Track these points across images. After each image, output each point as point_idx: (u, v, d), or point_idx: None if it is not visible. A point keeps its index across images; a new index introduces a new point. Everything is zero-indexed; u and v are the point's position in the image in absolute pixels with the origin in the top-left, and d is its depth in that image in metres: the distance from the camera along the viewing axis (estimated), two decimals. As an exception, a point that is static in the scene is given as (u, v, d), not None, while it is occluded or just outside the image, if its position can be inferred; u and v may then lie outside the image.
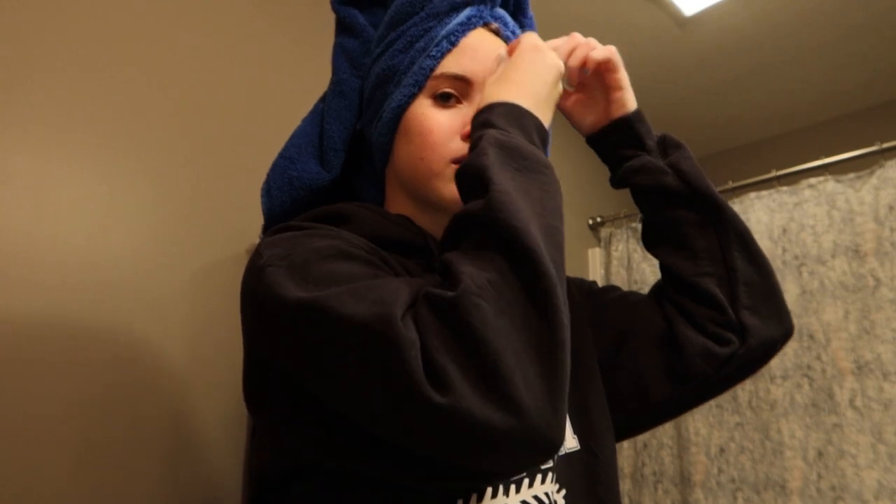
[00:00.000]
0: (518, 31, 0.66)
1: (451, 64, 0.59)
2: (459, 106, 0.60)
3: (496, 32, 0.63)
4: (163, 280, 1.18)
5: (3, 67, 1.05)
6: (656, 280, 0.79)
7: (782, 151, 2.61)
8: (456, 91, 0.60)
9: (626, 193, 0.77)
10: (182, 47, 1.30)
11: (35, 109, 1.08)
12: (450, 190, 0.58)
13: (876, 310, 1.56)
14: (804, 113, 2.47)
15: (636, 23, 1.91)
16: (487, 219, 0.41)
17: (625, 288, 2.12)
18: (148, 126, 1.22)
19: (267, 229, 0.67)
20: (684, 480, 1.85)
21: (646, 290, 2.18)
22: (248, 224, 1.33)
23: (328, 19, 1.61)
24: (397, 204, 0.65)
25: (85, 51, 1.15)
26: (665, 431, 1.93)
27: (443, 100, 0.60)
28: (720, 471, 1.77)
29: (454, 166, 0.58)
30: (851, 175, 1.66)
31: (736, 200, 1.87)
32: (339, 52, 0.68)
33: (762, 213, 1.80)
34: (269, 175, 0.68)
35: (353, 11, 0.67)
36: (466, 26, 0.60)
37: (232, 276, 1.28)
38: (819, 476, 1.59)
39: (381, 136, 0.62)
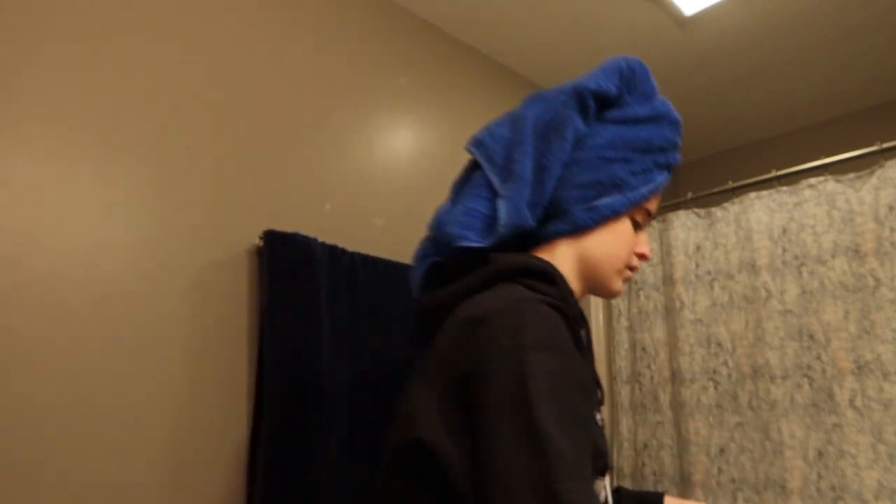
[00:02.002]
0: None
1: (653, 203, 0.81)
2: (639, 231, 0.82)
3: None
4: (163, 280, 1.18)
5: (3, 68, 1.05)
6: (654, 280, 0.91)
7: (782, 151, 2.61)
8: (643, 221, 0.81)
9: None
10: (182, 48, 1.30)
11: (35, 110, 1.08)
12: (618, 285, 0.80)
13: (876, 310, 1.55)
14: (804, 113, 2.47)
15: (636, 23, 1.91)
16: None
17: (624, 286, 2.12)
18: (148, 127, 1.22)
19: (479, 247, 0.75)
20: (684, 480, 1.84)
21: (646, 289, 2.16)
22: (249, 224, 1.33)
23: (329, 19, 1.61)
24: (562, 268, 0.78)
25: (85, 52, 1.15)
26: (665, 432, 1.93)
27: (636, 226, 0.80)
28: (720, 471, 1.77)
29: (626, 270, 0.81)
30: (851, 175, 1.66)
31: (736, 200, 1.87)
32: (572, 131, 0.77)
33: (762, 213, 1.80)
34: (509, 209, 0.74)
35: (593, 104, 0.79)
36: (666, 183, 0.80)
37: (232, 276, 1.28)
38: (819, 476, 1.58)
39: (589, 219, 0.76)
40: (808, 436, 1.62)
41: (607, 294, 0.81)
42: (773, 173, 1.80)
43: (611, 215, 0.76)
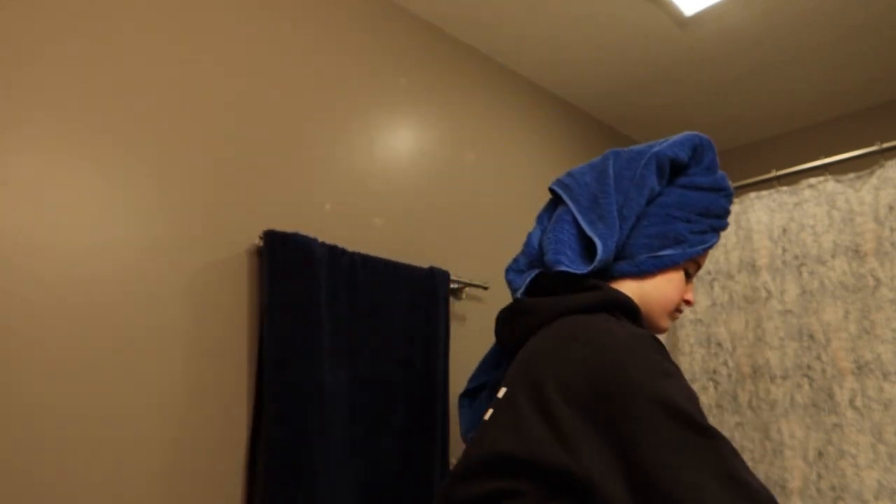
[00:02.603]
0: None
1: (702, 259, 0.93)
2: (689, 280, 0.92)
3: None
4: (163, 280, 1.18)
5: (3, 68, 1.05)
6: None
7: (782, 151, 2.61)
8: (693, 272, 0.92)
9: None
10: (183, 49, 1.30)
11: (35, 111, 1.08)
12: (666, 324, 0.91)
13: (876, 310, 1.55)
14: (804, 113, 2.47)
15: (636, 23, 1.91)
16: None
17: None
18: (148, 127, 1.22)
19: (579, 273, 0.85)
20: (684, 480, 1.84)
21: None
22: (248, 225, 1.33)
23: (329, 20, 1.61)
24: None
25: (85, 52, 1.15)
26: (665, 431, 1.93)
27: (687, 276, 0.91)
28: (720, 471, 1.77)
29: (674, 312, 0.91)
30: (851, 175, 1.66)
31: (736, 201, 1.87)
32: (648, 188, 0.89)
33: (762, 213, 1.80)
34: (607, 241, 0.85)
35: (667, 168, 0.90)
36: (715, 243, 0.92)
37: (232, 276, 1.28)
38: (819, 476, 1.58)
39: (652, 266, 0.87)
40: (808, 436, 1.62)
41: (656, 330, 0.91)
42: (773, 173, 1.80)
43: (670, 265, 0.88)
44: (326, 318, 1.31)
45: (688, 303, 0.93)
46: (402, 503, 1.37)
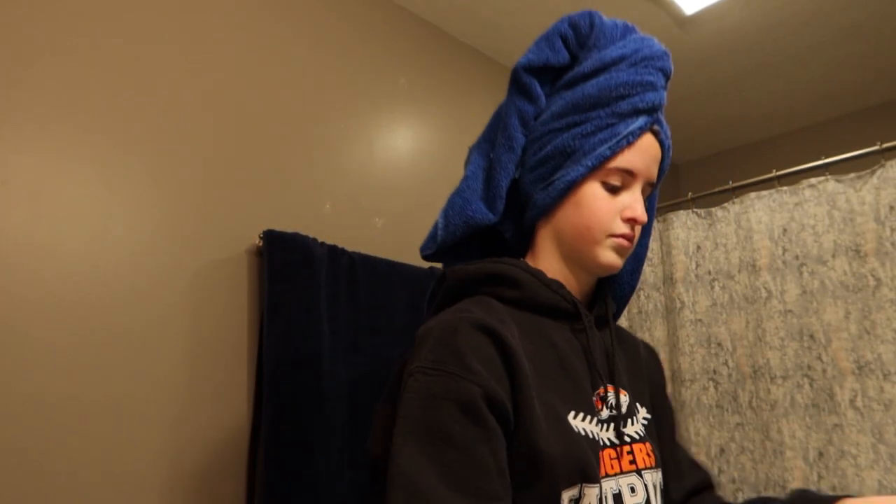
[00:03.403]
0: (668, 133, 0.78)
1: (626, 159, 0.71)
2: (622, 193, 0.72)
3: (657, 134, 0.73)
4: (163, 280, 1.17)
5: (3, 69, 1.05)
6: (654, 280, 0.86)
7: (782, 151, 2.61)
8: (621, 182, 0.72)
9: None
10: (182, 49, 1.29)
11: (35, 111, 1.08)
12: (605, 257, 0.72)
13: (876, 310, 1.55)
14: (804, 113, 2.47)
15: (636, 22, 1.91)
16: None
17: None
18: (148, 127, 1.21)
19: (432, 254, 0.78)
20: (685, 481, 1.84)
21: (646, 289, 2.16)
22: (248, 225, 1.33)
23: (329, 20, 1.61)
24: (547, 256, 0.76)
25: (85, 52, 1.15)
26: (665, 432, 1.93)
27: (612, 189, 0.72)
28: (720, 471, 1.77)
29: (612, 239, 0.72)
30: (852, 175, 1.66)
31: (736, 200, 1.87)
32: (514, 112, 0.76)
33: (762, 213, 1.80)
34: (447, 211, 0.76)
35: (532, 80, 0.76)
36: (643, 129, 0.71)
37: (232, 276, 1.28)
38: (819, 476, 1.58)
39: (547, 197, 0.73)
40: (808, 436, 1.62)
41: (599, 269, 0.73)
42: (774, 173, 1.80)
43: (566, 187, 0.71)
44: (326, 318, 1.31)
45: (631, 220, 0.72)
46: (403, 503, 1.36)
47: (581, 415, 0.66)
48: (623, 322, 2.12)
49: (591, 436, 0.66)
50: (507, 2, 1.82)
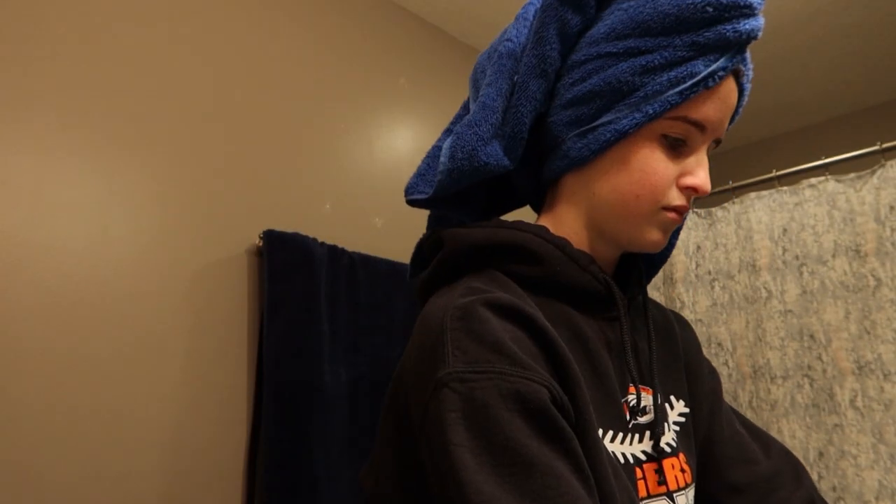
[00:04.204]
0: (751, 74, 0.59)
1: (698, 108, 0.52)
2: (685, 153, 0.55)
3: (738, 77, 0.55)
4: (163, 280, 1.17)
5: (3, 69, 1.05)
6: (654, 280, 0.76)
7: (782, 151, 2.61)
8: (688, 137, 0.54)
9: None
10: (183, 50, 1.29)
11: (35, 111, 1.07)
12: (651, 235, 0.56)
13: (877, 310, 1.55)
14: (804, 113, 2.47)
15: (636, 23, 1.91)
16: None
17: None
18: (148, 127, 1.21)
19: (425, 200, 0.60)
20: (685, 481, 1.84)
21: (647, 289, 2.15)
22: (248, 224, 1.32)
23: (329, 20, 1.61)
24: (570, 221, 0.59)
25: (86, 53, 1.15)
26: (665, 432, 1.93)
27: (673, 146, 0.54)
28: (721, 471, 1.77)
29: (664, 213, 0.55)
30: (852, 175, 1.66)
31: (736, 200, 1.87)
32: (555, 23, 0.55)
33: (762, 213, 1.79)
34: (454, 151, 0.56)
35: None
36: (727, 71, 0.52)
37: (232, 276, 1.28)
38: (820, 476, 1.58)
39: (585, 148, 0.55)
40: (808, 436, 1.62)
41: (639, 247, 0.57)
42: (774, 173, 1.80)
43: (613, 138, 0.53)
44: (326, 318, 1.31)
45: (692, 189, 0.54)
46: None
47: (611, 433, 0.52)
48: (623, 322, 2.12)
49: (622, 459, 0.52)
50: (507, 2, 1.82)
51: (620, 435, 0.53)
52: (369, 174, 1.59)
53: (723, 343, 1.84)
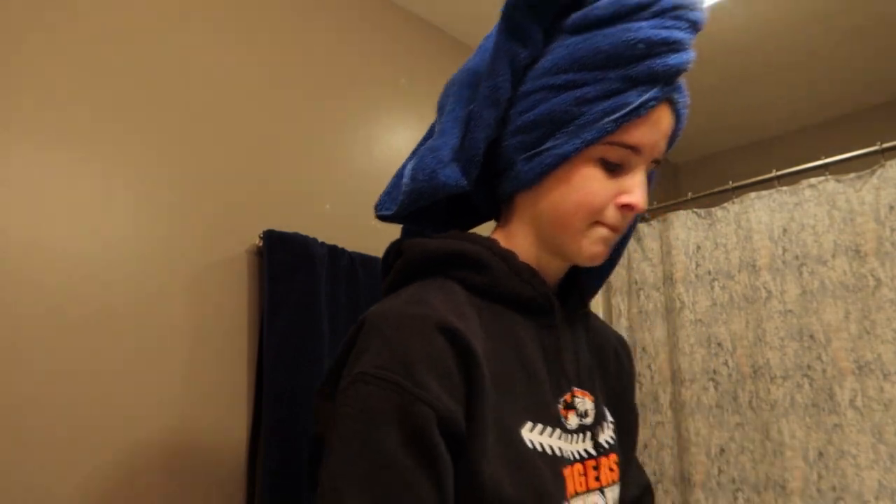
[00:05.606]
0: (687, 100, 0.65)
1: (631, 134, 0.58)
2: (622, 173, 0.60)
3: (673, 105, 0.61)
4: (163, 280, 1.17)
5: (3, 68, 1.05)
6: (654, 280, 0.79)
7: (782, 151, 2.61)
8: (622, 160, 0.59)
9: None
10: (183, 49, 1.29)
11: (35, 111, 1.07)
12: (589, 249, 0.61)
13: (876, 310, 1.55)
14: (804, 113, 2.47)
15: (636, 23, 1.91)
16: None
17: (624, 287, 2.12)
18: (148, 127, 1.21)
19: (391, 216, 0.67)
20: (684, 481, 1.84)
21: (646, 289, 2.15)
22: (248, 225, 1.33)
23: (328, 20, 1.61)
24: (521, 235, 0.66)
25: (86, 52, 1.15)
26: (665, 432, 1.93)
27: (611, 168, 0.59)
28: (720, 471, 1.77)
29: (600, 228, 0.61)
30: (852, 175, 1.66)
31: (736, 200, 1.87)
32: (503, 56, 0.61)
33: (762, 213, 1.80)
34: (416, 172, 0.63)
35: (531, 21, 0.61)
36: (658, 101, 0.58)
37: (232, 276, 1.28)
38: (819, 476, 1.58)
39: (531, 171, 0.61)
40: (808, 436, 1.62)
41: (579, 261, 0.63)
42: (774, 173, 1.80)
43: (555, 162, 0.59)
44: (326, 318, 1.31)
45: (628, 207, 0.60)
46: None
47: (540, 426, 0.58)
48: (623, 322, 2.12)
49: (551, 451, 0.57)
50: (507, 2, 1.82)
51: (549, 428, 0.58)
52: (369, 174, 1.60)
53: (723, 343, 1.84)
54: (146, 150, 1.20)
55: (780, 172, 1.78)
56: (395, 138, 1.69)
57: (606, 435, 0.65)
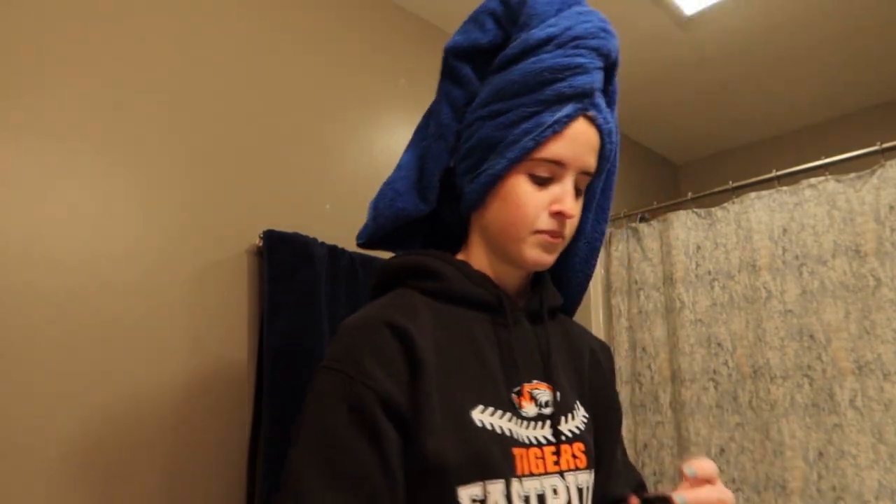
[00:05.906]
0: (609, 116, 0.72)
1: (552, 150, 0.66)
2: (551, 186, 0.68)
3: (592, 120, 0.69)
4: (163, 280, 1.17)
5: (4, 73, 1.05)
6: (654, 280, 0.81)
7: (782, 151, 2.61)
8: (550, 173, 0.68)
9: (625, 193, 0.77)
10: (183, 50, 1.29)
11: (35, 111, 1.08)
12: (530, 254, 0.69)
13: (876, 310, 1.55)
14: (804, 113, 2.47)
15: (636, 23, 1.91)
16: None
17: (624, 287, 2.12)
18: (148, 128, 1.21)
19: (365, 244, 0.79)
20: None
21: (646, 289, 2.16)
22: (248, 224, 1.33)
23: (328, 20, 1.61)
24: (477, 249, 0.75)
25: (85, 53, 1.15)
26: (665, 432, 1.93)
27: (540, 181, 0.68)
28: (720, 471, 1.77)
29: (537, 235, 0.68)
30: (852, 175, 1.66)
31: (736, 201, 1.87)
32: (444, 99, 0.74)
33: (762, 213, 1.80)
34: (377, 203, 0.76)
35: (461, 63, 0.73)
36: (571, 117, 0.66)
37: (232, 276, 1.28)
38: (819, 476, 1.58)
39: (474, 191, 0.71)
40: (808, 436, 1.62)
41: (523, 266, 0.70)
42: (774, 173, 1.80)
43: (490, 181, 0.68)
44: (326, 318, 1.31)
45: (559, 215, 0.68)
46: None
47: (491, 409, 0.64)
48: (623, 322, 2.12)
49: (500, 431, 0.63)
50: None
51: (500, 412, 0.65)
52: (369, 174, 1.60)
53: (723, 343, 1.84)
54: (146, 151, 1.20)
55: (780, 172, 1.78)
56: (394, 138, 1.69)
57: (571, 425, 0.70)
